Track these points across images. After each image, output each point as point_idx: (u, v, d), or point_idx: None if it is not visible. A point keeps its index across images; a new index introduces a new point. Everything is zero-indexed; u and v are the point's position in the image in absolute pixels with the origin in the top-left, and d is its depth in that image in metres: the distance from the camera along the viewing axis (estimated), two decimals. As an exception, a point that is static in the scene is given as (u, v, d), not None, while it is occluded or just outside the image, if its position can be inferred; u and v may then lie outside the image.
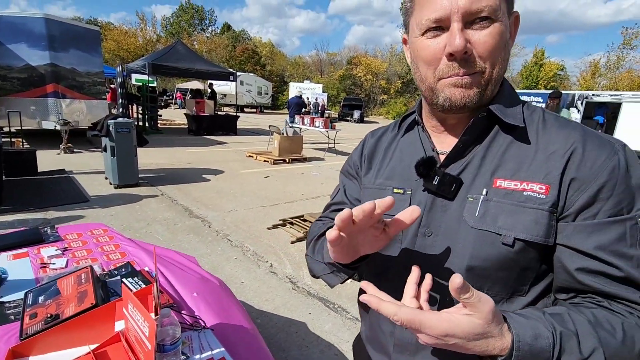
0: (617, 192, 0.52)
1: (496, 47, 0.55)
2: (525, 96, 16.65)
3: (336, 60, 48.56)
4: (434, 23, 0.55)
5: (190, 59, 12.34)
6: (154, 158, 7.62)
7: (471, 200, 0.59)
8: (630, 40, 30.54)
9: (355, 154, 0.83)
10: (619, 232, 0.51)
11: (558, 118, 0.61)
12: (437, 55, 0.56)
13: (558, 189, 0.54)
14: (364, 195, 0.75)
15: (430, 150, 0.67)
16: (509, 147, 0.60)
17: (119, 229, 3.79)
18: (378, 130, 0.83)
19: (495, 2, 0.53)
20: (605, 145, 0.55)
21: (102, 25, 37.71)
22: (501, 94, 0.62)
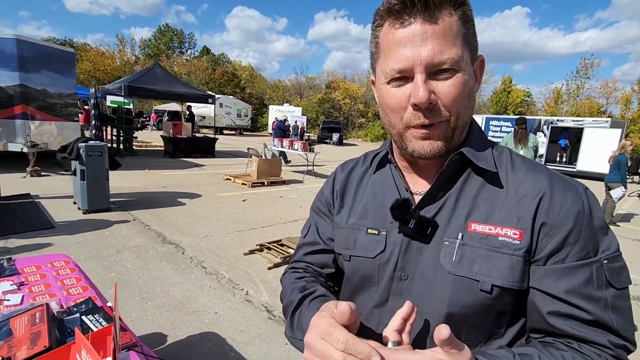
0: (583, 237, 0.54)
1: (460, 96, 0.56)
2: (496, 121, 17.44)
3: (315, 84, 49.58)
4: (398, 73, 0.56)
5: (168, 82, 12.29)
6: (127, 181, 7.39)
7: (447, 244, 0.59)
8: (586, 70, 32.91)
9: (327, 189, 0.81)
10: (586, 275, 0.53)
11: (525, 160, 0.63)
12: (403, 104, 0.57)
13: (530, 234, 0.55)
14: (337, 235, 0.73)
15: (404, 191, 0.67)
16: (481, 189, 0.61)
17: (85, 257, 3.62)
18: (348, 163, 0.82)
19: (457, 54, 0.54)
20: (570, 189, 0.57)
21: (78, 46, 37.19)
22: (471, 136, 0.64)
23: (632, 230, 6.60)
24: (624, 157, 6.50)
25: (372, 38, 0.62)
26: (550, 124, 15.93)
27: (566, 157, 16.17)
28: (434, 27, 0.53)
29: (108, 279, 3.22)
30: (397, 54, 0.55)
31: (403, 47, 0.54)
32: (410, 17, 0.54)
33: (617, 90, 32.57)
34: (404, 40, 0.54)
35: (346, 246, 0.70)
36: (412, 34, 0.54)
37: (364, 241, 0.67)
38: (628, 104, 29.98)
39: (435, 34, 0.53)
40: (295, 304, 0.67)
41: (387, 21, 0.57)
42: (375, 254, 0.65)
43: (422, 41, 0.53)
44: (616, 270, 0.54)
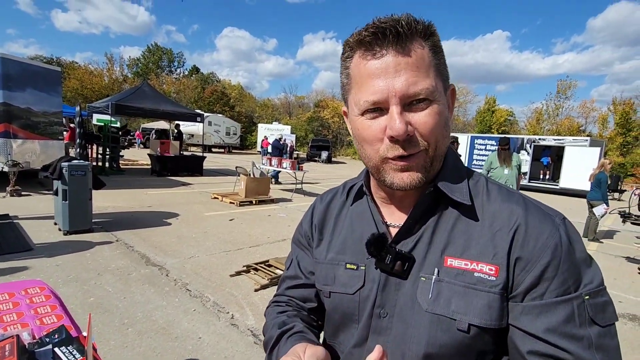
0: (562, 271, 0.52)
1: (437, 126, 0.55)
2: (481, 139, 17.84)
3: (304, 102, 50.21)
4: (372, 105, 0.55)
5: (157, 100, 12.27)
6: (111, 201, 7.24)
7: (424, 280, 0.58)
8: (565, 91, 34.28)
9: (305, 222, 0.80)
10: (567, 312, 0.51)
11: (501, 189, 0.62)
12: (379, 136, 0.56)
13: (506, 270, 0.54)
14: (317, 271, 0.72)
15: (380, 223, 0.65)
16: (457, 222, 0.59)
17: (64, 281, 3.49)
18: (327, 194, 0.81)
19: (431, 84, 0.54)
20: (547, 220, 0.56)
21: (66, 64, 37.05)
22: (446, 167, 0.62)
23: (615, 246, 6.73)
24: (604, 176, 6.69)
25: (343, 69, 0.61)
26: (533, 142, 16.38)
27: (549, 174, 16.58)
28: (407, 58, 0.53)
29: (87, 303, 3.09)
30: (371, 85, 0.54)
31: (376, 78, 0.54)
32: (382, 49, 0.53)
33: (595, 110, 33.92)
34: (377, 72, 0.54)
35: (325, 282, 0.69)
36: (385, 65, 0.53)
37: (343, 277, 0.66)
38: (605, 123, 31.15)
39: (409, 65, 0.53)
40: (274, 340, 0.66)
41: (358, 52, 0.56)
42: (355, 290, 0.64)
43: (395, 72, 0.53)
44: (600, 306, 0.52)
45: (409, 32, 0.53)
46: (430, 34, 0.56)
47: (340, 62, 0.62)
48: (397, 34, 0.52)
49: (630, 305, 4.00)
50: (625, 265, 5.54)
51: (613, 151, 26.13)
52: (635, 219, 5.64)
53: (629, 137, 27.27)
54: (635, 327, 3.47)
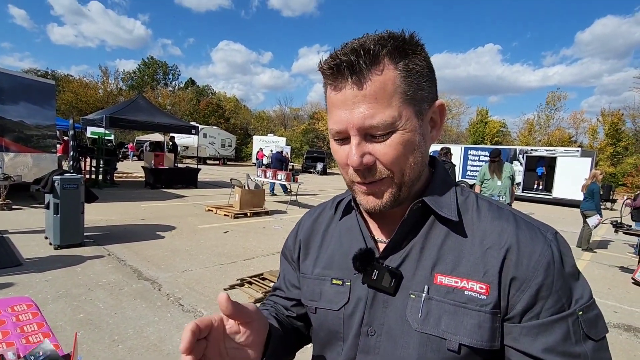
0: (556, 289, 0.52)
1: (398, 156, 0.54)
2: (474, 150, 18.02)
3: (299, 114, 50.51)
4: (337, 134, 0.56)
5: (151, 113, 12.28)
6: (104, 214, 7.16)
7: (413, 297, 0.57)
8: (555, 102, 34.91)
9: (290, 237, 0.80)
10: (563, 330, 0.51)
11: (491, 205, 0.61)
12: (345, 161, 0.57)
13: (498, 288, 0.53)
14: (303, 286, 0.71)
15: (369, 238, 0.64)
16: (446, 238, 0.58)
17: (53, 296, 3.42)
18: (315, 209, 0.80)
19: (391, 116, 0.52)
20: (538, 237, 0.55)
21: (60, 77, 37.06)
22: (434, 182, 0.62)
23: (609, 256, 6.76)
24: (596, 186, 6.77)
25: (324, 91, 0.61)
26: (526, 153, 16.57)
27: (542, 185, 16.73)
28: (364, 91, 0.52)
29: (76, 320, 3.03)
30: (335, 115, 0.55)
31: (338, 109, 0.54)
32: (340, 82, 0.53)
33: (585, 121, 34.53)
34: (338, 103, 0.54)
35: (312, 297, 0.68)
36: (343, 98, 0.53)
37: (329, 292, 0.65)
38: (595, 134, 31.66)
39: (366, 97, 0.52)
40: None
41: (326, 81, 0.57)
42: (339, 306, 0.63)
43: (353, 104, 0.52)
44: (592, 320, 0.52)
45: (370, 61, 0.51)
46: (403, 55, 0.53)
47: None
48: (354, 69, 0.51)
49: (625, 315, 4.00)
50: (619, 274, 5.56)
51: (604, 161, 26.50)
52: (627, 229, 5.68)
53: (618, 147, 27.70)
54: (631, 338, 3.47)
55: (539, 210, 13.11)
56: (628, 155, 26.85)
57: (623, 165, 25.52)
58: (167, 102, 41.85)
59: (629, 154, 27.22)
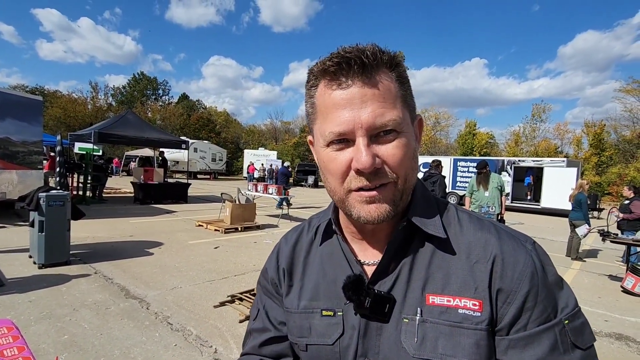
0: (541, 299, 0.52)
1: (405, 158, 0.53)
2: (463, 162, 18.26)
3: (290, 128, 50.75)
4: (338, 137, 0.52)
5: (141, 128, 12.23)
6: (91, 231, 7.01)
7: (407, 322, 0.55)
8: (540, 114, 35.80)
9: (271, 268, 0.73)
10: (551, 341, 0.50)
11: (471, 217, 0.61)
12: (344, 169, 0.53)
13: (490, 303, 0.53)
14: (289, 322, 0.67)
15: (354, 263, 0.61)
16: (433, 257, 0.57)
17: (36, 318, 3.30)
18: (291, 234, 0.75)
19: (398, 116, 0.52)
20: (520, 247, 0.55)
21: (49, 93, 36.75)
22: (416, 199, 0.60)
23: (598, 265, 6.84)
24: (583, 196, 6.89)
25: (308, 98, 0.58)
26: (513, 164, 16.86)
27: (530, 195, 16.98)
28: (373, 89, 0.51)
29: (60, 342, 2.92)
30: (336, 116, 0.52)
31: (342, 109, 0.51)
32: (347, 79, 0.51)
33: (569, 132, 35.40)
34: (342, 103, 0.51)
35: (301, 334, 0.64)
36: (350, 96, 0.51)
37: (319, 326, 0.61)
38: (579, 144, 32.43)
39: (375, 96, 0.51)
40: None
41: (323, 81, 0.54)
42: (334, 340, 0.60)
43: (361, 103, 0.51)
44: (578, 329, 0.52)
45: (375, 62, 0.51)
46: (396, 64, 0.54)
47: (305, 90, 0.59)
48: (363, 64, 0.50)
49: (616, 324, 4.02)
50: (609, 283, 5.62)
51: (589, 171, 27.08)
52: (614, 237, 5.77)
53: (603, 157, 28.38)
54: (622, 347, 3.48)
55: (528, 220, 13.27)
56: (612, 165, 27.50)
57: (608, 174, 26.09)
58: (157, 117, 41.69)
59: (613, 163, 27.89)
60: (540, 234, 10.14)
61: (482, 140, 37.26)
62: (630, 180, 21.73)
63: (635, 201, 6.63)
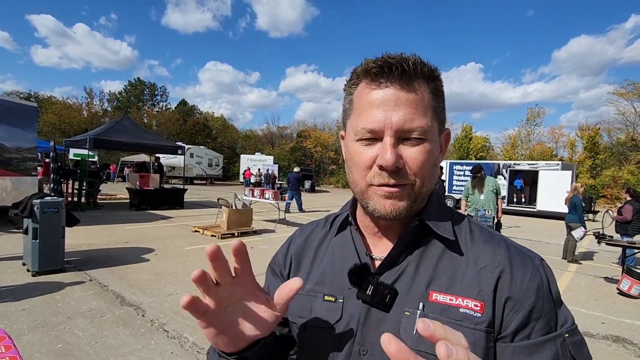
0: (545, 311, 0.54)
1: (426, 163, 0.57)
2: (459, 165, 18.35)
3: (287, 133, 50.85)
4: (368, 133, 0.56)
5: (137, 133, 12.19)
6: (86, 237, 6.95)
7: (408, 314, 0.56)
8: (534, 118, 36.11)
9: (281, 253, 0.78)
10: (553, 351, 0.52)
11: (483, 231, 0.64)
12: (369, 163, 0.57)
13: (492, 307, 0.54)
14: (292, 301, 0.67)
15: (364, 255, 0.64)
16: (442, 257, 0.60)
17: (29, 327, 3.26)
18: (307, 227, 0.79)
19: (426, 124, 0.56)
20: (528, 261, 0.58)
21: (43, 99, 36.56)
22: (431, 204, 0.63)
23: (594, 267, 6.87)
24: (578, 199, 6.94)
25: (347, 95, 0.63)
26: (509, 167, 16.96)
27: (525, 198, 17.07)
28: (408, 95, 0.55)
29: (54, 351, 2.88)
30: (370, 114, 0.56)
31: (376, 108, 0.56)
32: (387, 82, 0.56)
33: (563, 135, 35.68)
34: (378, 102, 0.56)
35: (300, 314, 0.66)
36: (386, 97, 0.55)
37: (319, 309, 0.63)
38: (573, 147, 32.70)
39: (409, 101, 0.55)
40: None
41: (364, 81, 0.59)
42: (331, 324, 0.61)
43: (395, 106, 0.55)
44: (578, 344, 0.54)
45: (414, 71, 0.55)
46: (434, 77, 0.59)
47: (344, 88, 0.64)
48: (402, 71, 0.55)
49: (612, 326, 4.03)
50: (605, 285, 5.64)
51: (584, 174, 27.27)
52: (610, 240, 5.81)
53: (597, 160, 28.62)
54: (620, 349, 3.49)
55: (524, 223, 13.32)
56: (606, 168, 27.74)
57: (602, 177, 26.30)
58: (153, 122, 41.59)
59: (607, 166, 28.13)
60: (536, 237, 10.19)
61: (478, 144, 37.48)
62: (625, 182, 21.94)
63: (627, 205, 6.70)
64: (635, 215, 6.54)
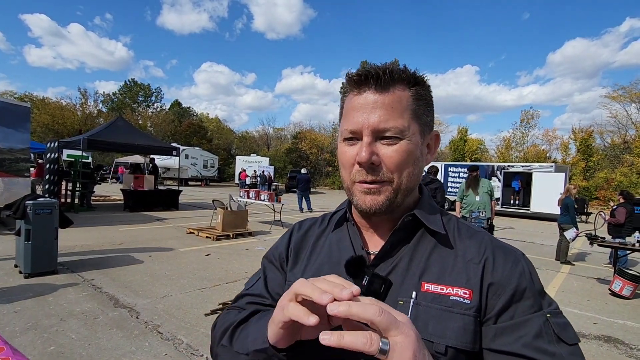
0: (527, 296, 0.58)
1: (402, 162, 0.61)
2: (454, 167, 18.44)
3: (282, 134, 50.81)
4: (350, 134, 0.63)
5: (131, 135, 12.12)
6: (80, 239, 6.90)
7: (402, 303, 0.60)
8: (529, 120, 36.43)
9: (282, 244, 0.80)
10: (535, 328, 0.55)
11: (469, 227, 0.69)
12: (352, 161, 0.63)
13: (479, 293, 0.59)
14: None
15: (359, 249, 0.68)
16: (433, 250, 0.64)
17: (21, 329, 3.23)
18: (305, 222, 0.83)
19: (402, 124, 0.61)
20: (509, 253, 0.63)
21: (37, 99, 36.20)
22: (422, 201, 0.69)
23: (586, 268, 6.94)
24: (571, 200, 7.01)
25: (340, 102, 0.70)
26: (503, 169, 17.08)
27: (519, 199, 17.19)
28: (384, 98, 0.61)
29: (46, 353, 2.86)
30: (352, 117, 0.62)
31: (357, 112, 0.62)
32: (365, 88, 0.62)
33: (557, 138, 36.02)
34: (358, 107, 0.62)
35: None
36: (364, 102, 0.62)
37: None
38: (567, 150, 33.03)
39: (384, 104, 0.61)
40: (239, 320, 0.64)
41: (350, 89, 0.65)
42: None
43: (372, 109, 0.61)
44: (562, 325, 0.56)
45: (390, 77, 0.61)
46: (416, 83, 0.64)
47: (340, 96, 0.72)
48: (378, 77, 0.61)
49: (604, 326, 4.07)
50: (597, 286, 5.70)
51: (577, 176, 27.52)
52: (602, 241, 5.87)
53: (590, 162, 28.92)
54: (611, 349, 3.53)
55: (518, 225, 13.42)
56: (600, 170, 28.02)
57: (595, 179, 26.55)
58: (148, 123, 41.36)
59: (600, 168, 28.43)
60: (530, 238, 10.26)
61: (473, 147, 37.72)
62: (617, 184, 22.18)
63: (620, 207, 6.78)
64: (628, 218, 6.62)
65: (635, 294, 5.09)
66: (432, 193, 5.96)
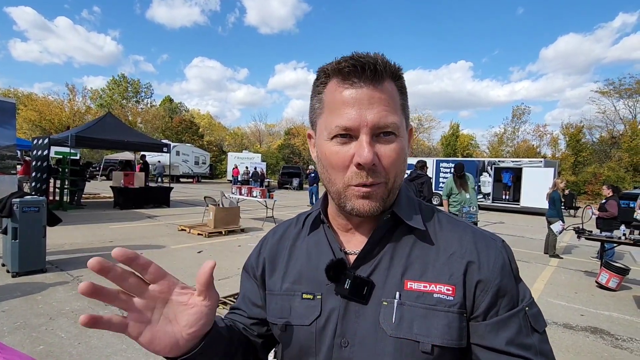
0: (509, 289, 0.58)
1: (399, 160, 0.59)
2: (445, 163, 18.60)
3: (275, 131, 50.65)
4: (343, 131, 0.57)
5: (121, 131, 11.95)
6: (69, 237, 6.81)
7: (386, 304, 0.58)
8: (521, 116, 36.86)
9: (253, 255, 0.78)
10: (517, 325, 0.56)
11: (450, 219, 0.67)
12: (347, 162, 0.58)
13: (463, 289, 0.58)
14: (270, 304, 0.69)
15: (338, 251, 0.66)
16: (414, 247, 0.62)
17: (10, 329, 3.19)
18: (279, 227, 0.80)
19: (399, 120, 0.58)
20: (491, 244, 0.62)
21: (22, 95, 35.45)
22: (400, 197, 0.66)
23: (574, 261, 7.07)
24: (557, 194, 7.13)
25: (315, 94, 0.63)
26: (493, 164, 17.27)
27: (509, 195, 17.41)
28: (381, 93, 0.57)
29: (35, 352, 2.82)
30: (344, 112, 0.57)
31: (350, 107, 0.56)
32: (359, 81, 0.57)
33: (547, 133, 36.52)
34: (352, 101, 0.56)
35: (281, 315, 0.66)
36: (360, 96, 0.56)
37: (299, 308, 0.64)
38: (556, 145, 33.52)
39: (382, 99, 0.57)
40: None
41: (334, 80, 0.59)
42: (311, 321, 0.62)
43: (369, 104, 0.56)
44: (536, 315, 0.59)
45: (384, 70, 0.57)
46: (398, 76, 0.61)
47: (312, 87, 0.65)
48: (375, 70, 0.56)
49: (591, 318, 4.17)
50: (584, 279, 5.81)
51: (566, 171, 27.97)
52: (589, 234, 5.99)
53: (580, 157, 29.41)
54: (597, 340, 3.61)
55: (508, 219, 13.60)
56: (588, 165, 28.51)
57: (584, 174, 27.02)
58: (138, 120, 40.83)
59: (588, 163, 28.93)
60: (520, 233, 10.42)
61: (465, 142, 38.08)
62: (605, 179, 22.59)
63: (610, 200, 6.88)
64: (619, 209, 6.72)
65: (621, 286, 5.21)
66: (418, 188, 6.01)
